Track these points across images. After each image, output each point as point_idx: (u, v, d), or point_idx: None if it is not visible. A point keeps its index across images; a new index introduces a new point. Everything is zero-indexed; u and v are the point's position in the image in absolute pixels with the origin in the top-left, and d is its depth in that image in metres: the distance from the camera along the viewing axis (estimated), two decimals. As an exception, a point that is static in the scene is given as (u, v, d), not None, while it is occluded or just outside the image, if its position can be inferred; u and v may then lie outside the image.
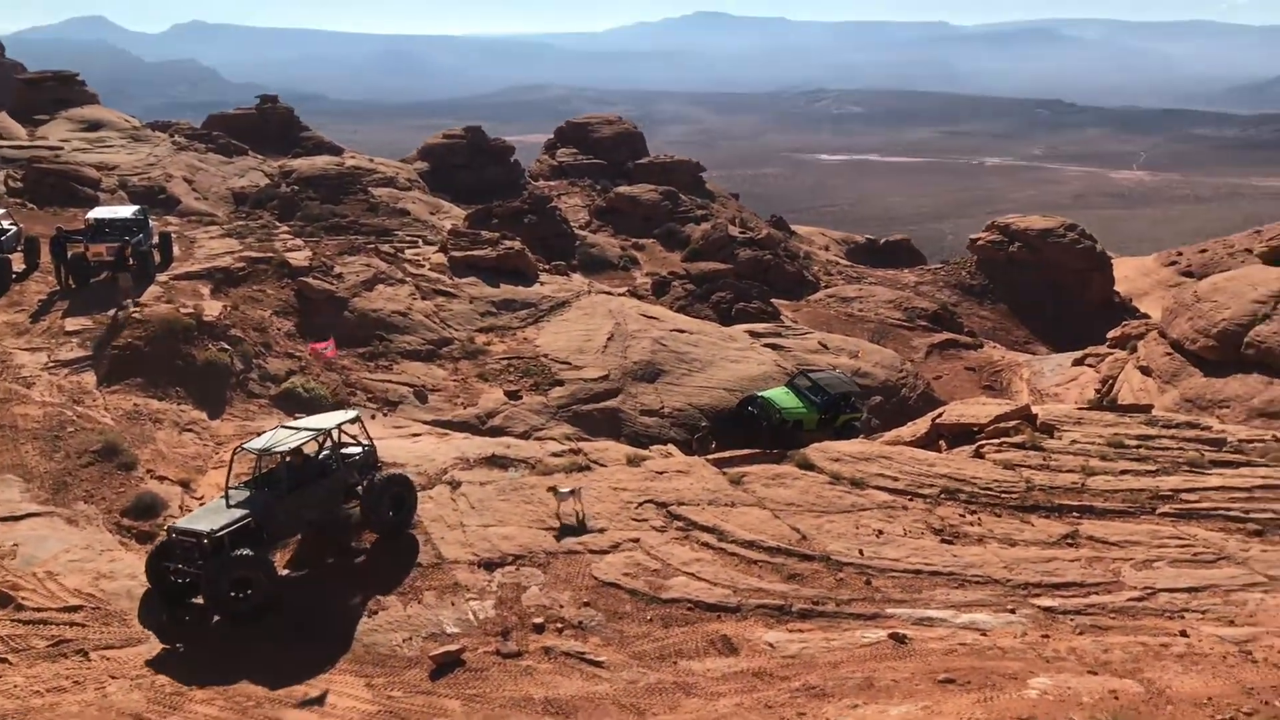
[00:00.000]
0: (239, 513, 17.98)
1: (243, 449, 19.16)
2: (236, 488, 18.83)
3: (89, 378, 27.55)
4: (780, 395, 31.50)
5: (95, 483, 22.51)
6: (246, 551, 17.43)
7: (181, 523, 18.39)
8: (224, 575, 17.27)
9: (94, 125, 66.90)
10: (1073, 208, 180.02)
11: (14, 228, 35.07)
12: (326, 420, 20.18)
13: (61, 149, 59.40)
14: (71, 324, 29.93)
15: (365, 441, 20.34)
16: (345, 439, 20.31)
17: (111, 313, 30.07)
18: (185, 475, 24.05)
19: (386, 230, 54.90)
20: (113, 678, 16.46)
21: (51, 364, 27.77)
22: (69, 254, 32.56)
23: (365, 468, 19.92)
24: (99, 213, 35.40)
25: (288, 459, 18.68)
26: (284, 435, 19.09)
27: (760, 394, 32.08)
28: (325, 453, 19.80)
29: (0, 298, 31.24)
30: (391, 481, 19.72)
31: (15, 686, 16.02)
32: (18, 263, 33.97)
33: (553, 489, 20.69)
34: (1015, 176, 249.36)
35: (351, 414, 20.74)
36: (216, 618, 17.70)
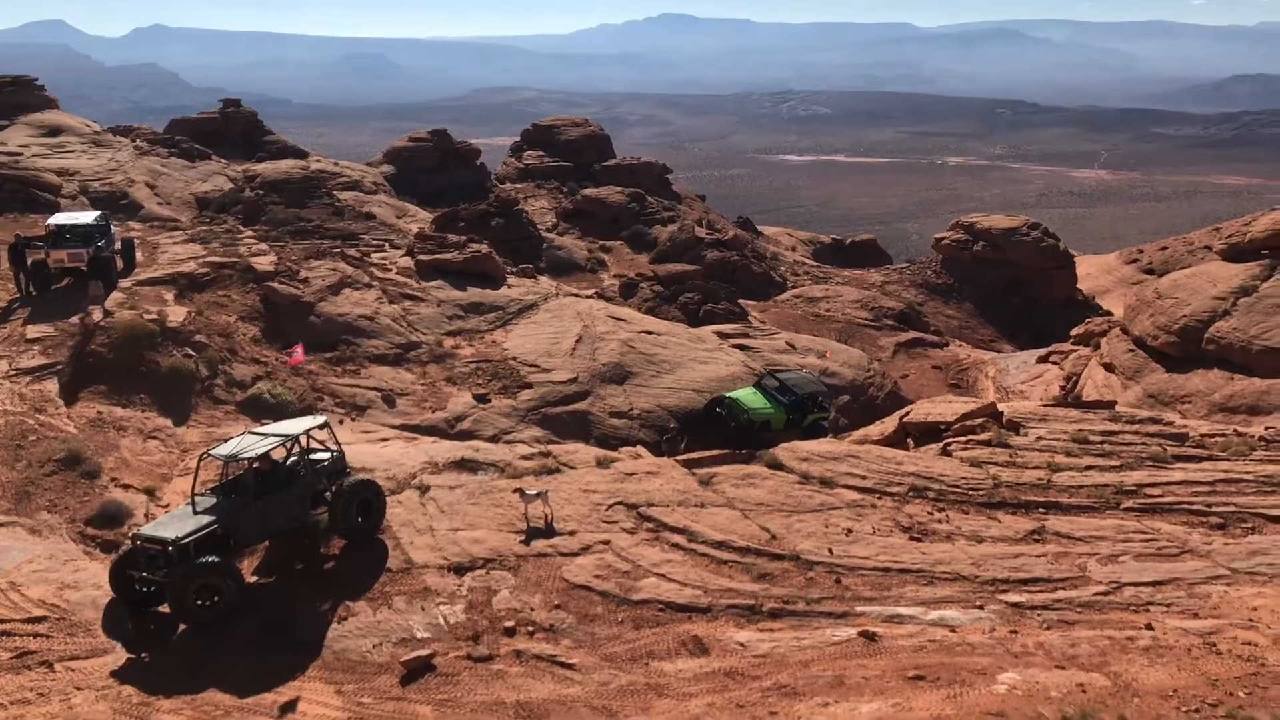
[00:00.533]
0: (205, 519, 17.77)
1: (209, 454, 18.95)
2: (203, 494, 18.67)
3: (51, 385, 27.19)
4: (748, 395, 31.62)
5: (58, 492, 22.24)
6: (213, 559, 17.24)
7: (146, 530, 18.13)
8: (190, 583, 17.04)
9: (54, 130, 66.01)
10: (1036, 206, 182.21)
11: (-27, 234, 34.61)
12: (295, 426, 19.93)
13: (21, 154, 58.54)
14: (33, 331, 29.55)
15: (334, 447, 20.21)
16: (314, 445, 20.19)
17: (76, 319, 29.76)
18: (150, 483, 23.83)
19: (352, 234, 54.50)
20: (78, 689, 16.26)
21: (12, 372, 27.39)
22: (29, 261, 32.16)
23: (334, 474, 19.75)
24: (59, 219, 34.97)
25: (255, 465, 18.52)
26: (251, 441, 18.91)
27: (728, 394, 32.18)
28: (294, 459, 19.63)
29: (-41, 306, 30.79)
30: (360, 487, 19.55)
31: (-22, 699, 15.80)
32: (-23, 270, 33.53)
33: (519, 490, 20.62)
34: (979, 176, 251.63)
35: (320, 419, 20.52)
36: (182, 626, 17.52)
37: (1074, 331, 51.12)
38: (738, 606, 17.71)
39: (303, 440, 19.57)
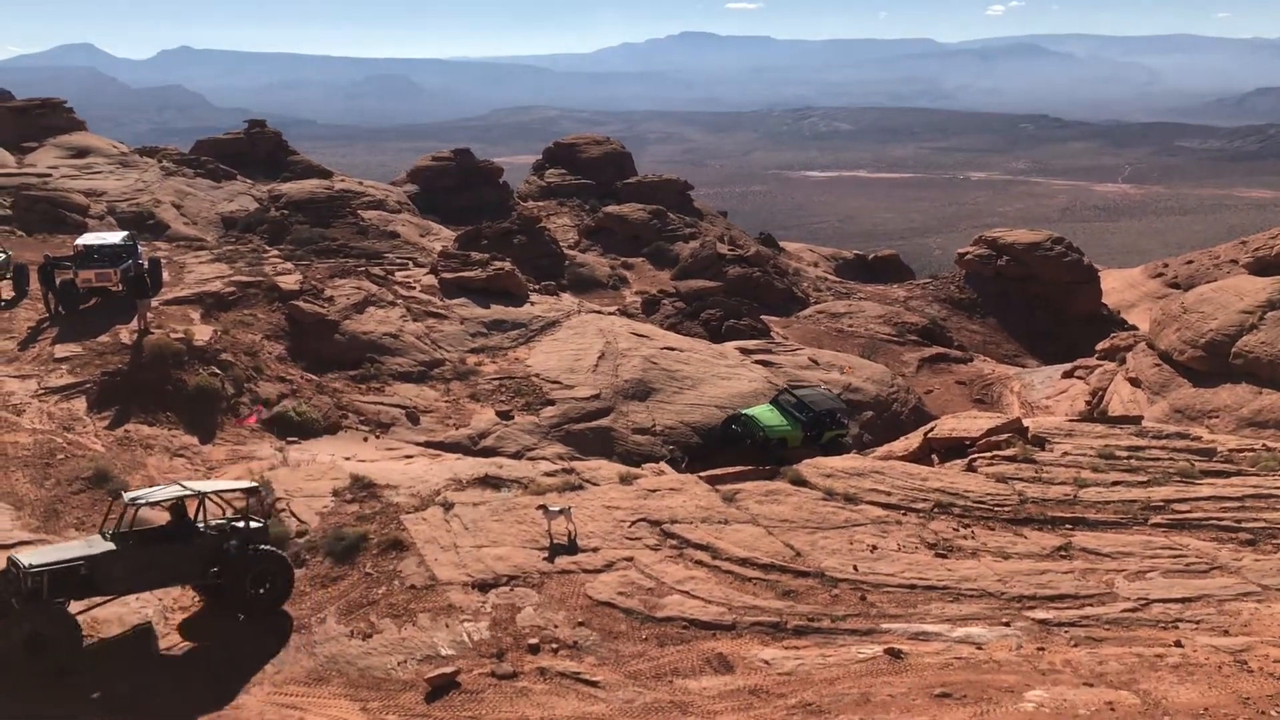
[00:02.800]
0: (75, 554, 17.15)
1: (120, 496, 18.44)
2: (105, 533, 18.00)
3: (79, 404, 27.46)
4: (764, 413, 31.53)
5: (86, 510, 22.39)
6: (57, 600, 16.56)
7: (21, 552, 17.51)
8: (21, 621, 16.22)
9: (82, 152, 66.90)
10: (1059, 221, 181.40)
11: (3, 255, 35.02)
12: (216, 485, 19.30)
13: (50, 176, 59.35)
14: (61, 350, 29.85)
15: (257, 518, 18.98)
16: (237, 509, 19.24)
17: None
18: (177, 501, 23.97)
19: (376, 253, 54.91)
20: (106, 706, 16.36)
21: (41, 391, 27.67)
22: (58, 281, 32.50)
23: (247, 543, 18.39)
24: (88, 239, 35.35)
25: (135, 511, 17.93)
26: (164, 491, 18.44)
27: (744, 411, 32.11)
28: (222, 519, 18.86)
29: (-11, 325, 31.13)
30: (259, 558, 18.27)
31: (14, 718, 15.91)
32: (6, 290, 33.93)
33: (542, 507, 20.61)
34: (1002, 191, 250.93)
35: (251, 484, 19.73)
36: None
37: (1099, 346, 50.78)
38: (762, 624, 17.63)
39: (214, 500, 18.80)
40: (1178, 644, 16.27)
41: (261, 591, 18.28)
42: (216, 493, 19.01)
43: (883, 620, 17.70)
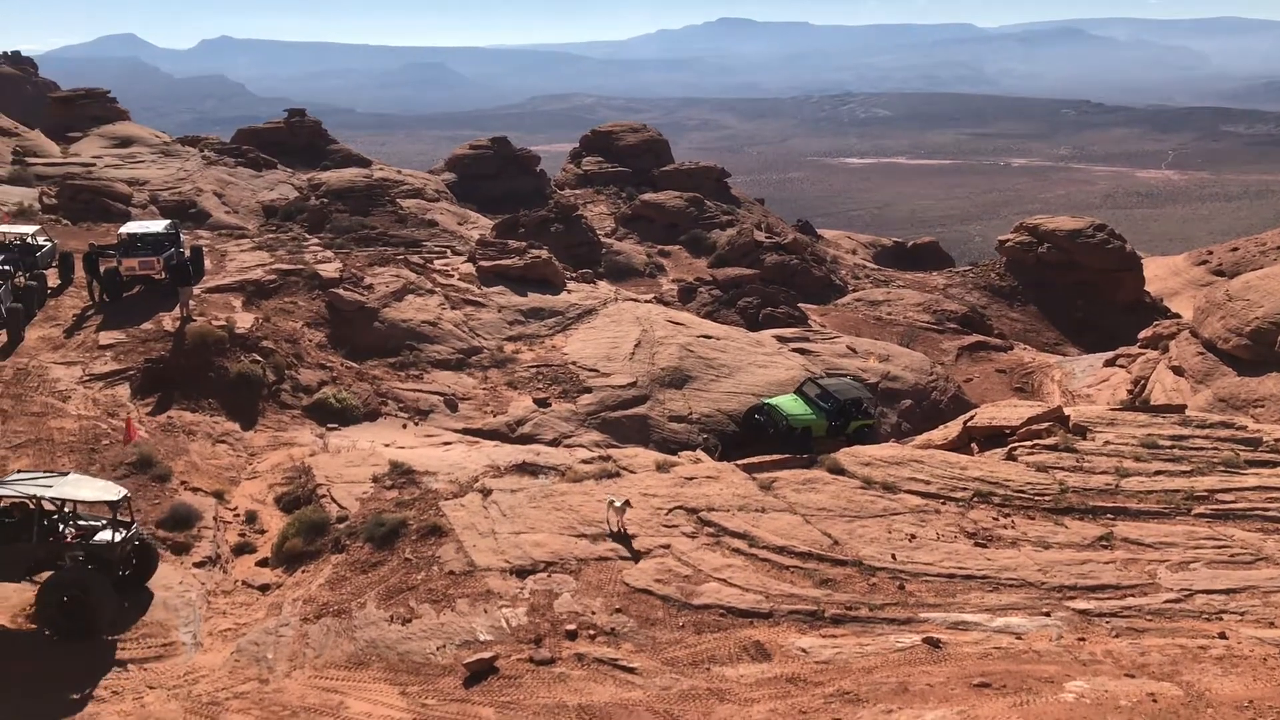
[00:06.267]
0: None
1: None
2: None
3: (123, 390, 27.85)
4: (788, 402, 31.37)
5: (131, 494, 22.70)
6: None
7: None
8: None
9: (125, 141, 67.70)
10: (1102, 208, 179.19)
11: (49, 244, 35.52)
12: (74, 490, 18.45)
13: (94, 165, 60.16)
14: (106, 338, 30.27)
15: (116, 534, 18.47)
16: (99, 516, 18.96)
17: (148, 325, 30.52)
18: (219, 486, 24.31)
19: (415, 241, 55.21)
20: (150, 688, 16.63)
21: (86, 377, 28.09)
22: (102, 269, 32.94)
23: (94, 557, 18.03)
24: (131, 228, 35.80)
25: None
26: (11, 488, 18.16)
27: (768, 401, 31.96)
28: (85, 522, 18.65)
29: (36, 313, 31.60)
30: (75, 582, 17.51)
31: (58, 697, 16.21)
32: (52, 278, 34.40)
33: (610, 501, 20.57)
34: (1043, 177, 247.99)
35: (114, 495, 18.73)
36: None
37: (1141, 334, 50.12)
38: (800, 612, 17.60)
39: (51, 504, 18.30)
40: (1222, 635, 16.08)
41: (61, 618, 17.45)
42: (66, 500, 18.37)
43: (921, 609, 17.62)
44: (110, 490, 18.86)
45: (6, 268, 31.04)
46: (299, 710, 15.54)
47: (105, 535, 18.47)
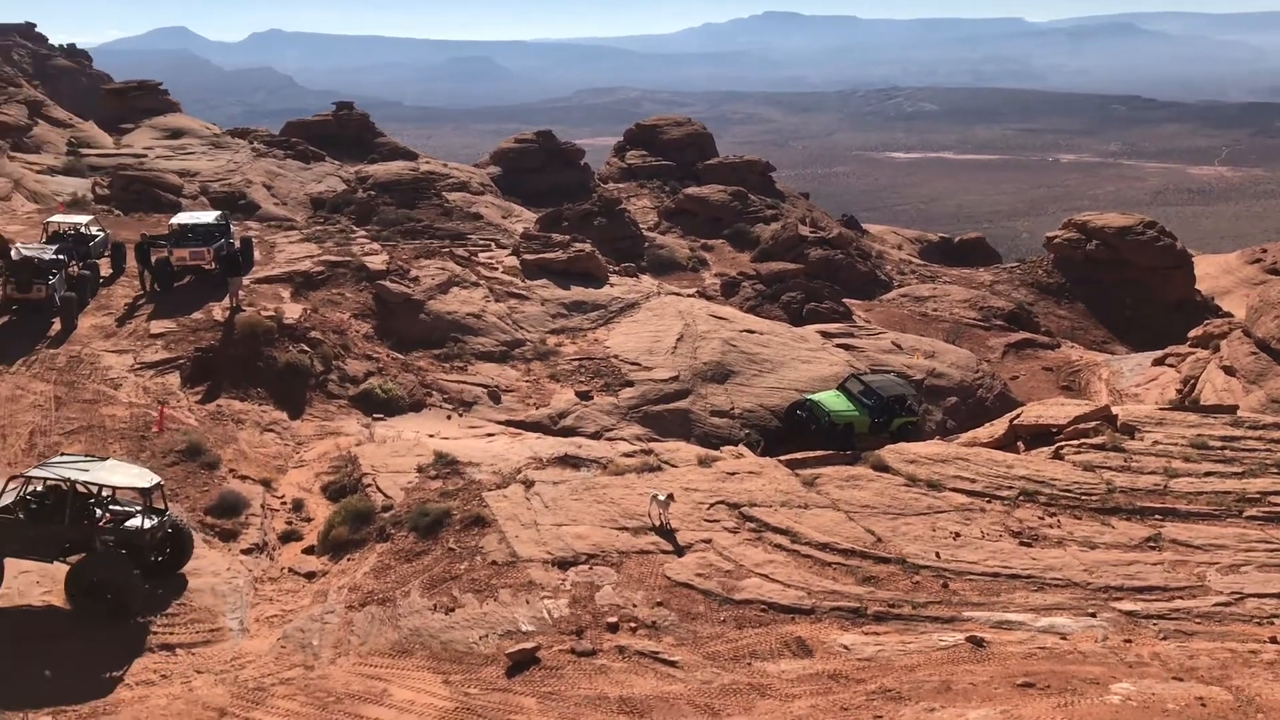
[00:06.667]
0: None
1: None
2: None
3: (173, 379, 28.26)
4: (830, 398, 31.17)
5: (180, 482, 23.08)
6: None
7: None
8: None
9: (176, 133, 68.60)
10: (1152, 205, 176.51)
11: (101, 234, 36.07)
12: (107, 475, 18.78)
13: (145, 156, 61.03)
14: (157, 327, 30.72)
15: (147, 521, 18.80)
16: (133, 504, 19.19)
17: (198, 315, 30.96)
18: (267, 474, 24.62)
19: (460, 234, 55.50)
20: (198, 672, 16.91)
21: (138, 366, 28.54)
22: (153, 259, 33.41)
23: (127, 543, 18.45)
24: (182, 218, 36.28)
25: (7, 484, 18.58)
26: (50, 470, 18.71)
27: (809, 397, 31.77)
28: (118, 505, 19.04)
29: (89, 302, 32.13)
30: (97, 567, 17.94)
31: (106, 679, 16.51)
32: (105, 268, 34.94)
33: (653, 496, 20.61)
34: (1092, 173, 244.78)
35: (147, 482, 18.98)
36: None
37: (1192, 333, 49.32)
38: (842, 609, 17.56)
39: (80, 488, 18.54)
40: (1273, 640, 15.85)
41: (96, 597, 17.85)
42: (102, 485, 18.72)
43: (965, 608, 17.51)
44: (143, 477, 19.15)
45: (61, 257, 31.54)
46: (343, 697, 15.73)
47: (136, 521, 18.78)
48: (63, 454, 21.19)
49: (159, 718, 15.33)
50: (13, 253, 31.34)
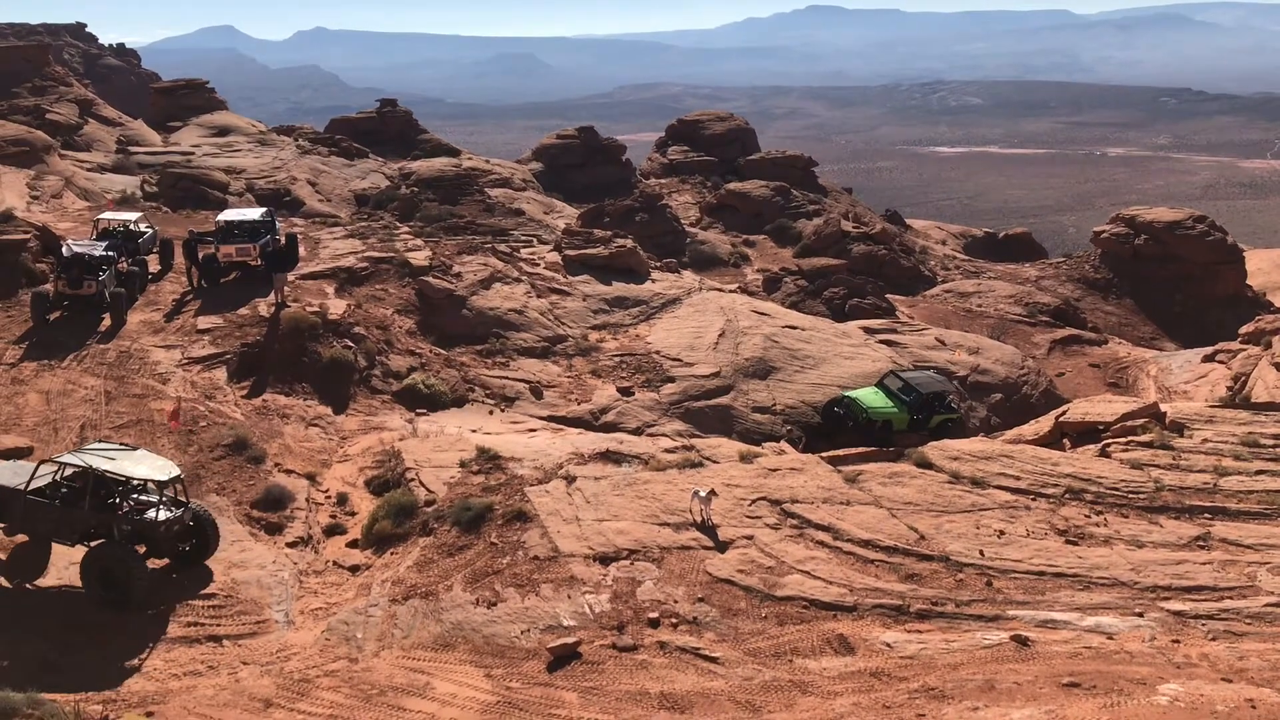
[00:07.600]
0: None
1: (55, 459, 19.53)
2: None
3: (220, 374, 28.61)
4: (869, 395, 30.97)
5: (226, 475, 23.38)
6: None
7: None
8: None
9: (223, 131, 69.42)
10: (1202, 199, 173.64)
11: (150, 230, 36.57)
12: (126, 464, 19.05)
13: (193, 154, 61.83)
14: (203, 322, 31.11)
15: (168, 513, 19.11)
16: (156, 495, 19.43)
17: (244, 311, 31.35)
18: (311, 469, 24.86)
19: (502, 230, 55.69)
20: (244, 663, 17.12)
21: (185, 361, 28.91)
22: (200, 255, 33.83)
23: (143, 529, 18.86)
24: (228, 215, 36.70)
25: (38, 467, 19.17)
26: (77, 457, 19.20)
27: (848, 393, 31.60)
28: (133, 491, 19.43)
29: (138, 297, 32.59)
30: (107, 555, 18.33)
31: (155, 669, 16.77)
32: (153, 264, 35.42)
33: (695, 492, 20.63)
34: (1140, 167, 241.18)
35: (166, 474, 19.18)
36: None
37: (1243, 329, 48.51)
38: (884, 606, 17.46)
39: (94, 476, 18.80)
40: (1325, 642, 15.56)
41: (106, 584, 18.26)
42: (117, 475, 19.02)
43: (1009, 606, 17.35)
44: (164, 469, 19.43)
45: (110, 254, 32.01)
46: (386, 689, 15.86)
47: (152, 512, 19.14)
48: (98, 440, 21.58)
49: (206, 708, 15.53)
50: (64, 249, 31.86)
